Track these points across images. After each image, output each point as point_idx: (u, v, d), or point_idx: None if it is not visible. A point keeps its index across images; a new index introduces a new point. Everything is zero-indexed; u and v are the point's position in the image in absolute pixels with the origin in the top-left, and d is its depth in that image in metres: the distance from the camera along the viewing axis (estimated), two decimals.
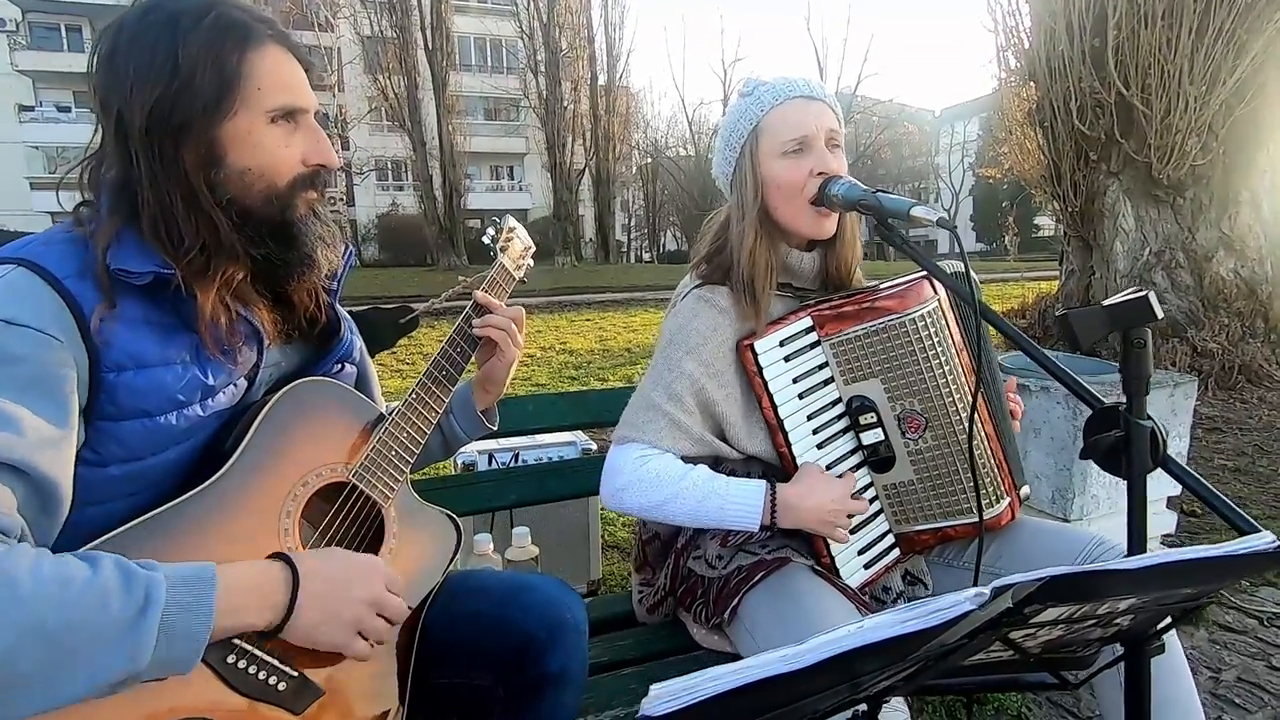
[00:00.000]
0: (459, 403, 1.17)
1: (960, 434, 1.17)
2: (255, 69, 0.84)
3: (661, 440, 1.18)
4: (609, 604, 1.55)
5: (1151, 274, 5.16)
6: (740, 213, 1.24)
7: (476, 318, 1.09)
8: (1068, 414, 2.03)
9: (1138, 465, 0.75)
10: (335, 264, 0.98)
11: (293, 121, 0.88)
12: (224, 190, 0.85)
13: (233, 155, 0.84)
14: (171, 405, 0.83)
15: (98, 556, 0.70)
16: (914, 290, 1.16)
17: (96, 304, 0.78)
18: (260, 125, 0.85)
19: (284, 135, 0.87)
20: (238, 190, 0.86)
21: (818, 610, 1.11)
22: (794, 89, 1.22)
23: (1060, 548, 1.21)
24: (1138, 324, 0.74)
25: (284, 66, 0.87)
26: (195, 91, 0.81)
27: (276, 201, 0.88)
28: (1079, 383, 0.82)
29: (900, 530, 1.27)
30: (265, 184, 0.87)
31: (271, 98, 0.85)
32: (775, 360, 1.21)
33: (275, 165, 0.87)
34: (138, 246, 0.82)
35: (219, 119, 0.83)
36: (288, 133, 0.88)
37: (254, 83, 0.84)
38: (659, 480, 1.16)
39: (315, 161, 0.90)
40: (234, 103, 0.83)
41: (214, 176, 0.84)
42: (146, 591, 0.68)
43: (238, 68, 0.83)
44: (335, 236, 0.96)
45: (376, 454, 0.97)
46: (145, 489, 0.84)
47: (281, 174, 0.88)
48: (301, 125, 0.89)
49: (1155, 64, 4.68)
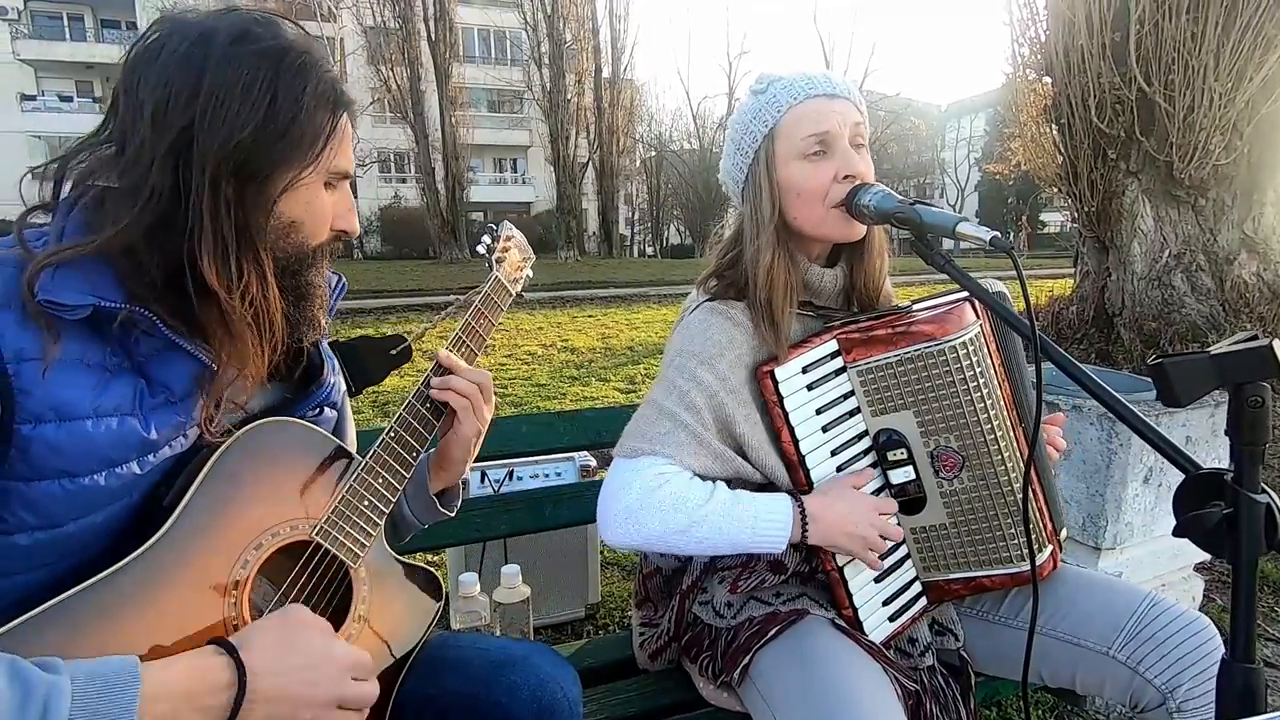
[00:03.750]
0: (413, 481, 0.99)
1: (1000, 475, 1.05)
2: (338, 131, 0.80)
3: (682, 454, 1.01)
4: (607, 648, 1.43)
5: (1170, 276, 5.01)
6: (755, 228, 1.10)
7: (436, 377, 0.96)
8: (1101, 435, 1.90)
9: (1248, 549, 0.62)
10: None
11: (335, 186, 0.84)
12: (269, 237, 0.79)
13: (283, 205, 0.78)
14: (100, 464, 0.71)
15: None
16: (955, 314, 1.03)
17: (18, 342, 0.66)
18: (319, 184, 0.81)
19: (330, 196, 0.84)
20: (273, 240, 0.79)
21: (841, 676, 0.98)
22: (814, 86, 1.08)
23: (1110, 607, 1.08)
24: (1255, 378, 0.61)
25: (349, 131, 0.84)
26: (289, 140, 0.76)
27: (301, 260, 0.83)
28: (1171, 444, 0.69)
29: (929, 579, 1.14)
30: (300, 240, 0.81)
31: (337, 161, 0.81)
32: (798, 389, 1.08)
33: (317, 225, 0.82)
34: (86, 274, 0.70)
35: (304, 168, 0.77)
36: (333, 195, 0.84)
37: (334, 145, 0.80)
38: (681, 502, 0.99)
39: (340, 227, 0.86)
40: (318, 160, 0.78)
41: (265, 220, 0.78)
42: (45, 705, 0.56)
43: (332, 128, 0.79)
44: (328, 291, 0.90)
45: (344, 507, 0.85)
46: (66, 558, 0.71)
47: (317, 235, 0.83)
48: (340, 189, 0.84)
49: (1179, 59, 4.52)
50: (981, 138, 36.51)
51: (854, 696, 0.94)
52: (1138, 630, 1.04)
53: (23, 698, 0.55)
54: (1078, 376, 0.77)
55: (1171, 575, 2.12)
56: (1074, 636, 1.08)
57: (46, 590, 0.67)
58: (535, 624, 1.82)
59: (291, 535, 0.81)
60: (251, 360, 0.79)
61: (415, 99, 22.52)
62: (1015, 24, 5.70)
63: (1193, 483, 0.67)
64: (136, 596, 0.69)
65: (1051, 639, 1.10)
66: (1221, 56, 4.40)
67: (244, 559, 0.77)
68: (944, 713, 1.07)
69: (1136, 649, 1.03)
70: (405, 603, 0.89)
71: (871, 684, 0.98)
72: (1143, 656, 1.03)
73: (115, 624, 0.67)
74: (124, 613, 0.68)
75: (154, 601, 0.70)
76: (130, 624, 0.68)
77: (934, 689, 1.08)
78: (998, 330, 1.11)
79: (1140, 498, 1.91)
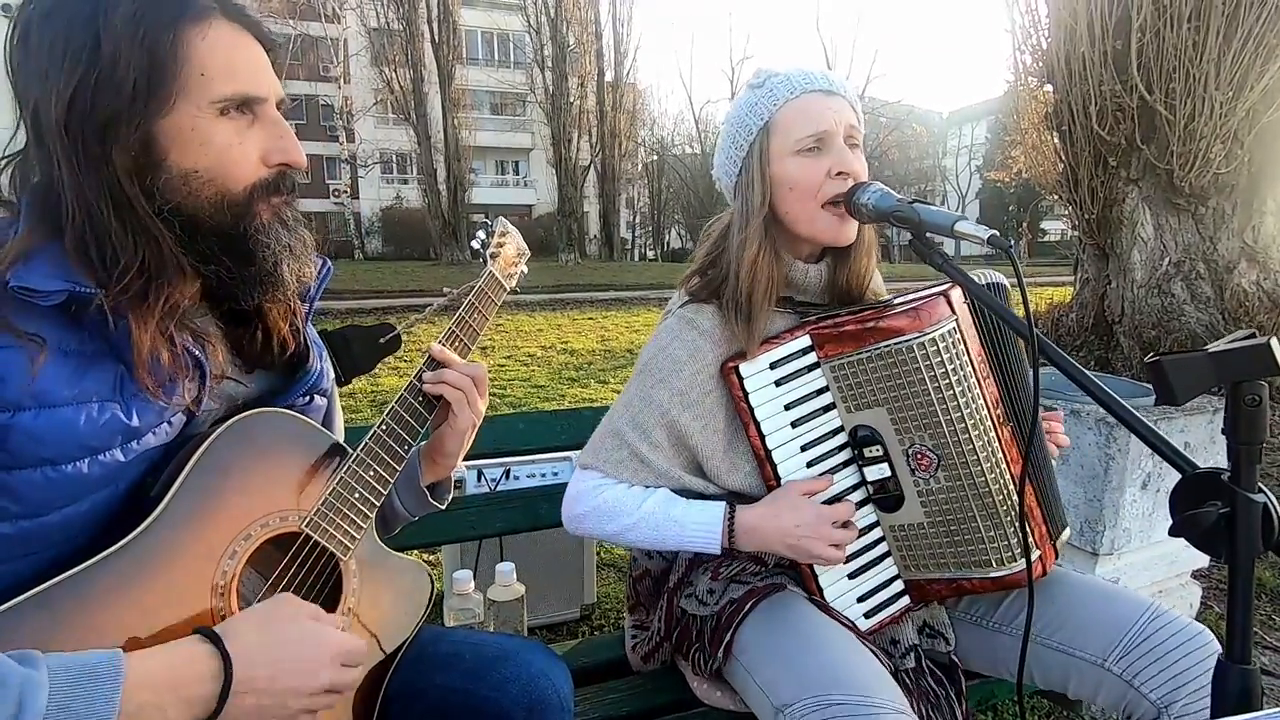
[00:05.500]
0: (404, 473, 0.96)
1: (978, 477, 1.03)
2: (196, 50, 0.70)
3: (620, 472, 1.11)
4: (600, 648, 1.42)
5: (1170, 284, 5.00)
6: (743, 219, 1.10)
7: (429, 371, 0.94)
8: (1099, 440, 1.89)
9: (1245, 548, 0.61)
10: (307, 278, 0.84)
11: (249, 113, 0.74)
12: (165, 197, 0.71)
13: (175, 155, 0.71)
14: (82, 452, 0.70)
15: None
16: (927, 309, 1.00)
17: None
18: (207, 118, 0.71)
19: (237, 130, 0.73)
20: (182, 196, 0.72)
21: (817, 638, 1.00)
22: (811, 81, 1.08)
23: (1109, 619, 1.05)
24: (1253, 376, 0.60)
25: (235, 47, 0.73)
26: (120, 79, 0.67)
27: (230, 209, 0.74)
28: (1169, 444, 0.68)
29: (910, 577, 1.13)
30: (216, 189, 0.73)
31: (219, 85, 0.71)
32: (764, 385, 1.09)
33: (228, 166, 0.73)
34: (52, 262, 0.68)
35: (153, 112, 0.69)
36: (242, 127, 0.74)
37: (195, 67, 0.70)
38: (615, 509, 1.09)
39: (278, 161, 0.76)
40: (170, 92, 0.69)
41: (152, 181, 0.70)
42: (19, 700, 0.54)
43: (173, 49, 0.69)
44: (307, 246, 0.81)
45: (335, 499, 0.84)
46: (49, 548, 0.70)
47: (236, 177, 0.74)
48: (261, 118, 0.75)
49: (1180, 68, 4.52)
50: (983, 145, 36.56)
51: (829, 651, 0.96)
52: (1136, 644, 1.02)
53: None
54: (1075, 376, 0.77)
55: (1169, 581, 2.11)
56: (1069, 646, 1.06)
57: (29, 581, 0.66)
58: (530, 624, 1.81)
59: (281, 526, 0.80)
60: (159, 339, 0.72)
61: (418, 100, 22.54)
62: (1017, 31, 5.71)
63: (1190, 482, 0.66)
64: (121, 586, 0.68)
65: (1046, 648, 1.08)
66: (1223, 65, 4.40)
67: (232, 549, 0.76)
68: (936, 714, 1.06)
69: (1133, 663, 1.01)
70: (395, 596, 0.88)
71: (846, 644, 0.99)
72: (1139, 670, 1.00)
73: (97, 614, 0.66)
74: (107, 602, 0.67)
75: (139, 591, 0.69)
76: (113, 614, 0.67)
77: (924, 690, 1.08)
78: (987, 327, 1.08)
79: (1138, 503, 1.90)
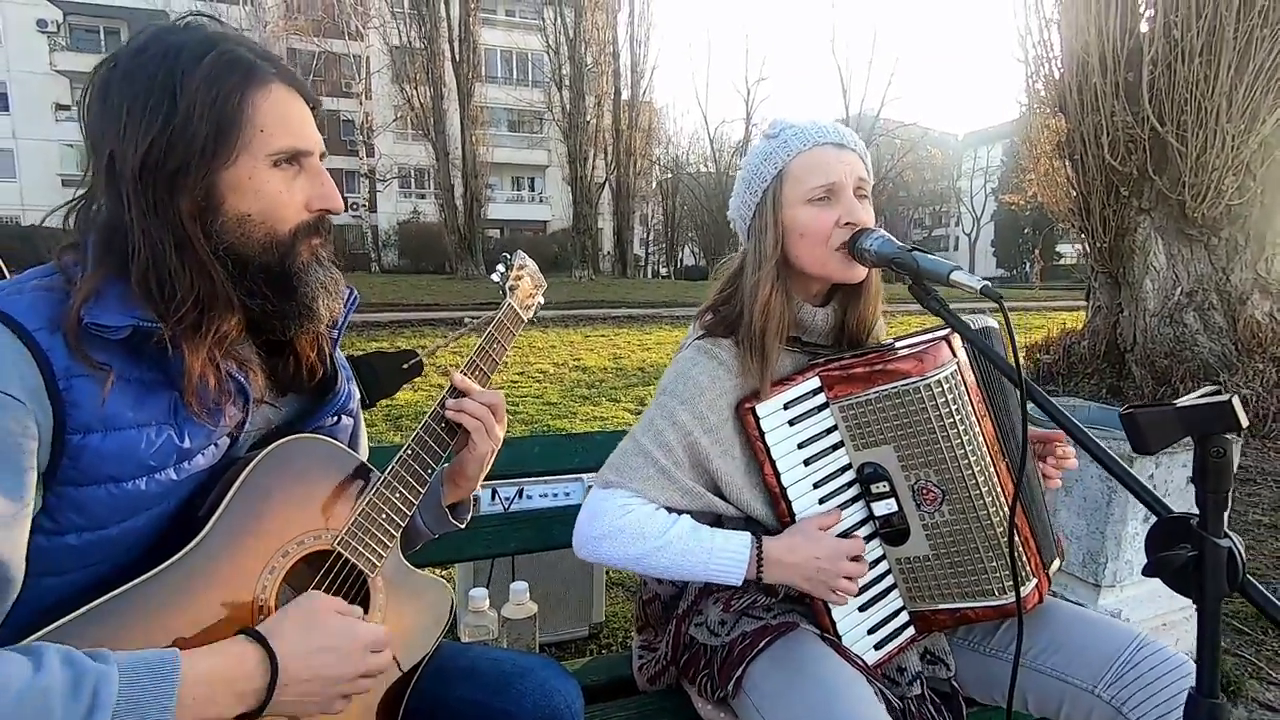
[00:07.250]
0: (427, 494, 1.03)
1: (980, 510, 1.08)
2: (258, 110, 0.79)
3: (649, 489, 1.10)
4: (608, 666, 1.46)
5: (1183, 314, 5.01)
6: (757, 261, 1.16)
7: (451, 399, 1.01)
8: (1101, 473, 1.92)
9: (1212, 589, 0.66)
10: (337, 311, 0.93)
11: (297, 164, 0.84)
12: (221, 238, 0.80)
13: (232, 201, 0.79)
14: (142, 470, 0.77)
15: (43, 650, 0.63)
16: (931, 353, 1.06)
17: (67, 360, 0.72)
18: (262, 169, 0.80)
19: (286, 179, 0.82)
20: (236, 237, 0.80)
21: (830, 682, 1.03)
22: (824, 134, 1.15)
23: (1099, 647, 1.10)
24: (1215, 431, 0.65)
25: (289, 107, 0.82)
26: (193, 135, 0.76)
27: (277, 249, 0.83)
28: (1146, 489, 0.73)
29: (915, 609, 1.17)
30: (265, 231, 0.82)
31: (275, 140, 0.80)
32: (779, 425, 1.13)
33: (277, 210, 0.82)
34: (120, 299, 0.76)
35: (219, 164, 0.78)
36: (290, 177, 0.83)
37: (256, 125, 0.79)
38: (641, 532, 1.07)
39: (319, 206, 0.85)
40: (234, 147, 0.78)
41: (211, 223, 0.79)
42: (94, 690, 0.62)
43: (239, 109, 0.78)
44: (338, 283, 0.90)
45: (364, 519, 0.90)
46: (109, 559, 0.77)
47: (284, 220, 0.83)
48: (306, 168, 0.84)
49: (1192, 100, 4.57)
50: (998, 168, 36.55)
51: (842, 694, 0.99)
52: (1124, 671, 1.06)
53: (75, 681, 0.62)
54: (1057, 418, 0.82)
55: (1173, 615, 2.13)
56: (1061, 673, 1.11)
57: (91, 589, 0.73)
58: (540, 641, 1.86)
59: (315, 544, 0.87)
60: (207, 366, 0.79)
61: (437, 117, 22.94)
62: (1030, 61, 5.78)
63: (1163, 525, 0.71)
64: (175, 597, 0.75)
65: (1039, 673, 1.13)
66: (1234, 98, 4.44)
67: (271, 565, 0.82)
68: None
69: (1121, 690, 1.05)
70: (417, 611, 0.94)
71: (859, 687, 1.02)
72: (1127, 698, 1.04)
73: (155, 621, 0.73)
74: (164, 611, 0.74)
75: (191, 601, 0.76)
76: (169, 621, 0.74)
77: (923, 717, 1.11)
78: (982, 366, 1.14)
79: (1140, 536, 1.93)
